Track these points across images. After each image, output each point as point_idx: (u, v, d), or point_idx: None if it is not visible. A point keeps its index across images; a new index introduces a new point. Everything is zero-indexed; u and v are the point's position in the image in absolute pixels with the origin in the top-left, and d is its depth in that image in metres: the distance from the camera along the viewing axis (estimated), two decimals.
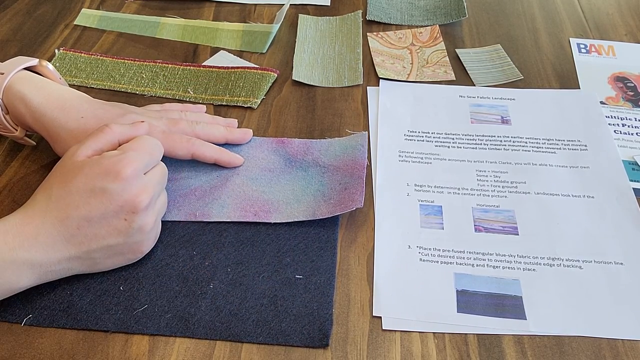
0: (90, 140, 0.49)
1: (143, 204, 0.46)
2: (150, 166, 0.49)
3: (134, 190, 0.46)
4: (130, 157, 0.47)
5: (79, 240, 0.46)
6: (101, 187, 0.46)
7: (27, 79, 0.56)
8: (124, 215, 0.46)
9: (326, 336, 0.46)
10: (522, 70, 0.73)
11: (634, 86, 0.71)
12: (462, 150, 0.62)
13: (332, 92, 0.69)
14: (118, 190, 0.46)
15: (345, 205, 0.53)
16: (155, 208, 0.49)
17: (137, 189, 0.46)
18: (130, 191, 0.46)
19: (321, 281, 0.49)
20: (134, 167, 0.47)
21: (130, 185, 0.46)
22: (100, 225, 0.46)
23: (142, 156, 0.48)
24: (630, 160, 0.61)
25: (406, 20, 0.82)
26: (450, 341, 0.46)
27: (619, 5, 0.86)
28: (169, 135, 0.56)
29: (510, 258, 0.52)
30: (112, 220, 0.46)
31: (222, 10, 0.83)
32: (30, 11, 0.83)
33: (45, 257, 0.45)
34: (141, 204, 0.46)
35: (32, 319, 0.47)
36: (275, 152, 0.60)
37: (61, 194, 0.46)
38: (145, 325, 0.46)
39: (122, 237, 0.47)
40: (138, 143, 0.49)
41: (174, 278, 0.49)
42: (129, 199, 0.46)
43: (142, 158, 0.48)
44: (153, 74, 0.71)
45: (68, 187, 0.46)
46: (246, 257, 0.51)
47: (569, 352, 0.46)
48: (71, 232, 0.46)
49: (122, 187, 0.46)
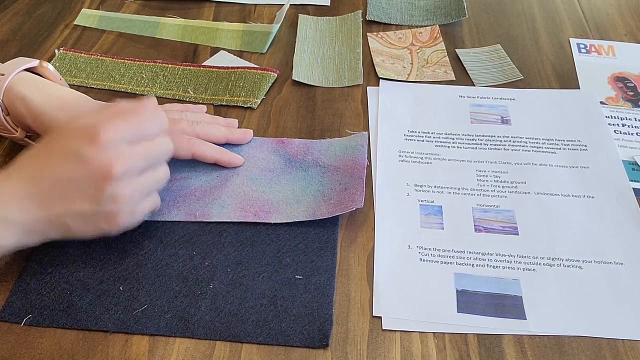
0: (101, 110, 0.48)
1: (116, 173, 0.44)
2: (139, 138, 0.47)
3: (107, 157, 0.44)
4: (112, 124, 0.45)
5: (51, 202, 0.45)
6: (75, 150, 0.44)
7: (28, 80, 0.56)
8: (95, 182, 0.44)
9: (326, 336, 0.46)
10: (522, 70, 0.73)
11: (634, 86, 0.71)
12: (462, 150, 0.62)
13: (332, 92, 0.69)
14: (91, 154, 0.44)
15: (345, 205, 0.53)
16: (136, 182, 0.47)
17: (112, 156, 0.44)
18: (104, 158, 0.44)
19: (321, 281, 0.49)
20: (113, 134, 0.44)
21: (104, 151, 0.44)
22: (71, 188, 0.45)
23: (128, 124, 0.46)
24: (630, 160, 0.61)
25: (406, 20, 0.82)
26: (450, 341, 0.46)
27: (619, 5, 0.86)
28: (170, 136, 0.55)
29: (510, 258, 0.52)
30: (83, 185, 0.45)
31: (222, 10, 0.83)
32: (30, 11, 0.83)
33: (20, 216, 0.45)
34: (113, 172, 0.44)
35: (32, 319, 0.47)
36: (275, 152, 0.60)
37: (39, 154, 0.46)
38: (145, 326, 0.46)
39: (93, 205, 0.45)
40: (131, 111, 0.47)
41: (174, 278, 0.49)
42: (100, 165, 0.44)
43: (126, 126, 0.46)
44: (153, 74, 0.71)
45: (47, 146, 0.46)
46: (246, 257, 0.51)
47: (569, 352, 0.46)
48: (44, 192, 0.45)
49: (96, 152, 0.44)
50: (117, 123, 0.45)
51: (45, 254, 0.51)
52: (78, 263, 0.50)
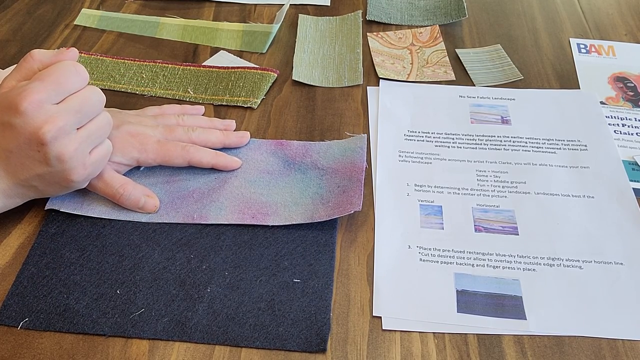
0: (14, 70, 0.49)
1: (48, 135, 0.45)
2: (62, 95, 0.47)
3: (35, 122, 0.45)
4: (30, 89, 0.46)
5: (13, 170, 0.48)
6: (7, 122, 0.46)
7: None
8: (35, 147, 0.46)
9: (324, 341, 0.45)
10: (522, 70, 0.72)
11: (634, 86, 0.71)
12: (462, 150, 0.62)
13: (332, 92, 0.69)
14: (20, 123, 0.46)
15: (343, 208, 0.53)
16: (77, 136, 0.48)
17: (40, 120, 0.45)
18: (32, 124, 0.45)
19: (319, 285, 0.49)
20: (32, 99, 0.45)
21: (30, 118, 0.45)
22: (21, 155, 0.47)
23: (46, 85, 0.46)
24: (630, 160, 0.61)
25: (406, 20, 0.81)
26: (450, 341, 0.46)
27: (619, 5, 0.86)
28: (165, 145, 0.56)
29: (510, 258, 0.52)
30: (28, 152, 0.47)
31: (222, 10, 0.83)
32: (30, 11, 0.83)
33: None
34: (45, 135, 0.45)
35: (29, 323, 0.46)
36: (274, 154, 0.60)
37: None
38: (142, 329, 0.46)
39: (45, 167, 0.47)
40: (46, 72, 0.48)
41: (171, 281, 0.49)
42: (32, 131, 0.46)
43: (45, 88, 0.46)
44: (153, 74, 0.71)
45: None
46: (244, 260, 0.51)
47: (569, 352, 0.45)
48: (4, 163, 0.48)
49: (23, 120, 0.45)
50: (35, 86, 0.46)
51: (41, 257, 0.51)
52: (75, 266, 0.50)
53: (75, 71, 0.48)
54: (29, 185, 0.49)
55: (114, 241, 0.52)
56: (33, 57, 0.49)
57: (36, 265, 0.50)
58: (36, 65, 0.49)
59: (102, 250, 0.51)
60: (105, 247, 0.52)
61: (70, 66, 0.48)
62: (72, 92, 0.48)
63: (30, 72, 0.49)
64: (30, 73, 0.49)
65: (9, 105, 0.46)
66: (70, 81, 0.48)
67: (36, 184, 0.49)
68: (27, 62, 0.49)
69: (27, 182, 0.49)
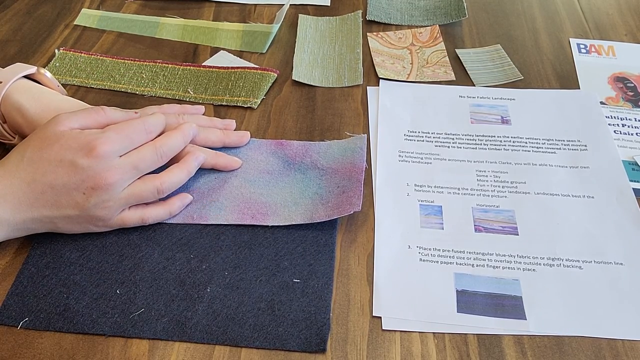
0: (80, 114, 0.51)
1: (106, 182, 0.48)
2: (128, 149, 0.50)
3: (100, 168, 0.48)
4: (108, 138, 0.49)
5: (41, 205, 0.48)
6: (71, 160, 0.48)
7: (25, 88, 0.56)
8: (84, 189, 0.48)
9: (324, 341, 0.45)
10: (522, 70, 0.72)
11: (634, 86, 0.71)
12: (462, 150, 0.62)
13: (332, 92, 0.69)
14: (85, 165, 0.48)
15: (343, 208, 0.53)
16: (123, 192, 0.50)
17: (104, 168, 0.48)
18: (97, 168, 0.48)
19: (319, 285, 0.49)
20: (108, 148, 0.48)
21: (98, 163, 0.48)
22: (61, 194, 0.48)
23: (121, 139, 0.49)
24: (630, 160, 0.61)
25: (406, 20, 0.81)
26: (450, 341, 0.46)
27: (619, 5, 0.86)
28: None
29: (510, 258, 0.52)
30: (72, 192, 0.48)
31: (222, 10, 0.83)
32: (30, 11, 0.83)
33: (11, 216, 0.48)
34: (104, 181, 0.48)
35: (29, 322, 0.46)
36: (274, 154, 0.60)
37: (34, 158, 0.48)
38: (142, 329, 0.46)
39: (79, 210, 0.49)
40: (122, 126, 0.51)
41: (171, 281, 0.49)
42: (93, 175, 0.48)
43: (119, 140, 0.49)
44: (153, 74, 0.71)
45: (41, 153, 0.48)
46: (244, 260, 0.51)
47: (569, 352, 0.45)
48: (35, 195, 0.48)
49: (90, 163, 0.48)
50: (112, 137, 0.49)
51: (41, 257, 0.51)
52: (74, 266, 0.50)
53: (145, 131, 0.52)
54: (49, 222, 0.49)
55: (114, 241, 0.52)
56: (106, 112, 0.52)
57: (36, 265, 0.50)
58: (107, 120, 0.52)
59: (102, 250, 0.51)
60: (105, 247, 0.52)
61: (141, 125, 0.52)
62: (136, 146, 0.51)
63: (96, 124, 0.51)
64: (96, 124, 0.51)
65: (83, 146, 0.48)
66: (138, 139, 0.51)
67: (58, 221, 0.50)
68: (98, 114, 0.52)
69: (50, 218, 0.49)
